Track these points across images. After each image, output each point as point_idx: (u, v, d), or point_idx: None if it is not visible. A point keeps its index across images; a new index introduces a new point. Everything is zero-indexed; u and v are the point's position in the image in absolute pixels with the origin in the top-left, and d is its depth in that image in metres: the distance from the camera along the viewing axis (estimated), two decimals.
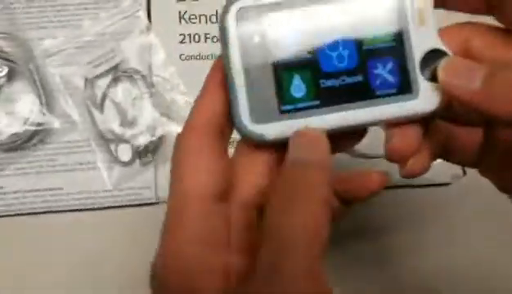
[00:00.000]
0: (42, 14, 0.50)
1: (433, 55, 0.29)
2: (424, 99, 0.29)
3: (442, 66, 0.28)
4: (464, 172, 0.49)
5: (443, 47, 0.29)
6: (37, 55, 0.48)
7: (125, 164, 0.48)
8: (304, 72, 0.28)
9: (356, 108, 0.29)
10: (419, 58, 0.29)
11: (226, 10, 0.28)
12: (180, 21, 0.51)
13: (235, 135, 0.29)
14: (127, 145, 0.48)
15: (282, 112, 0.28)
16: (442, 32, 0.30)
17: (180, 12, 0.51)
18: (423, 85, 0.29)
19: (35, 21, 0.50)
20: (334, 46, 0.29)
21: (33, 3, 0.50)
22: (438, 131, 0.31)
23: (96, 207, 0.47)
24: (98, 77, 0.48)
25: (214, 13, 0.51)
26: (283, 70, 0.28)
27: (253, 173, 0.29)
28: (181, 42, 0.51)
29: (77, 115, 0.48)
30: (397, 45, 0.29)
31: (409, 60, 0.29)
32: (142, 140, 0.48)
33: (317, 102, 0.28)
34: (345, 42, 0.29)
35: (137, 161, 0.48)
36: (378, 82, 0.29)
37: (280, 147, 0.28)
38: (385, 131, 0.30)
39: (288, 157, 0.27)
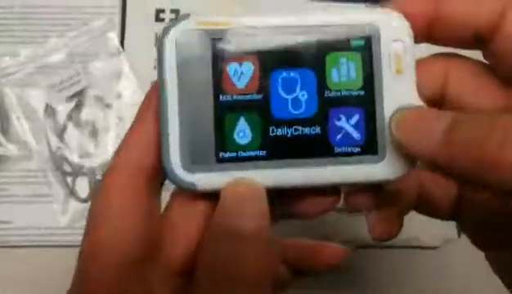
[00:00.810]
0: (5, 27, 0.45)
1: None
2: (391, 163, 0.24)
3: (395, 120, 0.23)
4: (459, 235, 0.45)
5: (420, 104, 0.24)
6: None
7: (82, 200, 0.44)
8: (251, 115, 0.24)
9: (308, 165, 0.24)
10: (390, 113, 0.24)
11: (165, 32, 0.24)
12: (156, 44, 0.47)
13: None
14: (85, 179, 0.44)
15: (219, 160, 0.24)
16: (419, 65, 0.25)
17: (157, 34, 0.47)
18: (390, 146, 0.24)
19: None
20: (290, 86, 0.24)
21: None
22: (408, 186, 0.27)
23: (46, 244, 0.43)
24: (60, 102, 0.44)
25: None
26: (226, 110, 0.24)
27: (186, 230, 0.24)
28: (155, 67, 0.46)
29: (34, 142, 0.44)
30: (366, 94, 0.24)
31: (378, 114, 0.24)
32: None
33: (263, 153, 0.24)
34: (304, 84, 0.24)
35: None
36: (339, 136, 0.24)
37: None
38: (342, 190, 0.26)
39: (214, 220, 0.23)
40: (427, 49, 0.27)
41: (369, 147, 0.24)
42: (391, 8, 0.25)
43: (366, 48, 0.24)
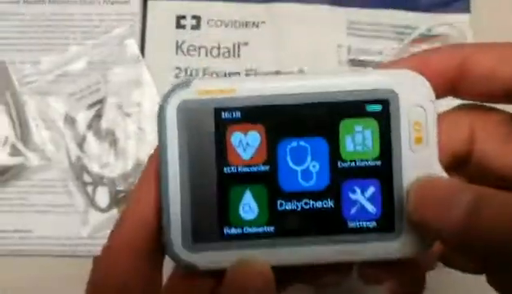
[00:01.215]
0: (26, 34, 0.45)
1: None
2: (409, 239, 0.23)
3: (412, 195, 0.22)
4: None
5: (442, 174, 0.22)
6: (15, 81, 0.44)
7: (102, 210, 0.43)
8: (258, 188, 0.22)
9: (319, 243, 0.22)
10: (408, 186, 0.22)
11: (165, 100, 0.22)
12: (177, 52, 0.46)
13: None
14: (105, 189, 0.43)
15: (224, 237, 0.22)
16: (441, 119, 0.23)
17: (177, 42, 0.46)
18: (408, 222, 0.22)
19: (17, 42, 0.45)
20: (299, 157, 0.22)
21: (15, 22, 0.45)
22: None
23: (67, 254, 0.43)
24: (80, 111, 0.44)
25: (216, 45, 0.46)
26: (230, 183, 0.22)
27: None
28: (176, 76, 0.45)
29: (53, 151, 0.43)
30: (383, 165, 0.23)
31: (396, 186, 0.22)
32: (123, 186, 0.43)
33: (271, 229, 0.23)
34: (316, 154, 0.22)
35: (115, 208, 0.43)
36: (353, 211, 0.23)
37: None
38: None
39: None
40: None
41: (385, 222, 0.23)
42: (410, 64, 0.23)
43: (384, 114, 0.22)
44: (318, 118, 0.22)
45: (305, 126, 0.22)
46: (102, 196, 0.43)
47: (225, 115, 0.22)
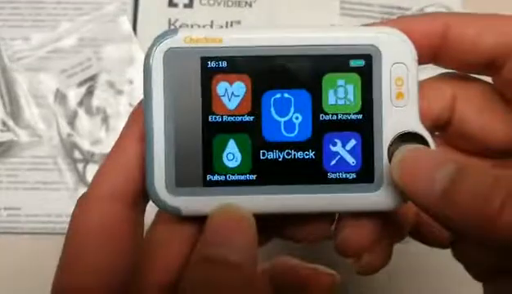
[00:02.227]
0: (16, 10, 0.44)
1: (407, 138, 0.23)
2: (388, 192, 0.23)
3: (395, 162, 0.22)
4: None
5: (422, 131, 0.23)
6: (5, 57, 0.43)
7: None
8: (241, 137, 0.23)
9: (300, 192, 0.23)
10: (389, 140, 0.23)
11: (152, 48, 0.23)
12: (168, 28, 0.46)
13: None
14: (96, 166, 0.43)
15: (207, 183, 0.23)
16: (425, 85, 0.24)
17: (170, 20, 0.45)
18: (388, 175, 0.23)
19: (7, 18, 0.44)
20: (283, 108, 0.23)
21: None
22: (406, 211, 0.26)
23: (56, 232, 0.42)
24: (71, 87, 0.43)
25: (209, 24, 0.46)
26: (215, 131, 0.23)
27: (167, 254, 0.23)
28: None
29: (44, 128, 0.43)
30: (364, 119, 0.23)
31: (376, 140, 0.23)
32: None
33: (253, 177, 0.23)
34: (299, 106, 0.23)
35: None
36: (333, 162, 0.23)
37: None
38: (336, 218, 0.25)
39: (199, 248, 0.22)
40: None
41: (365, 174, 0.23)
42: (394, 27, 0.23)
43: (366, 70, 0.23)
44: (302, 71, 0.23)
45: (289, 79, 0.23)
46: (93, 173, 0.43)
47: (211, 64, 0.23)
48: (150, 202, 0.24)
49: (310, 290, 0.27)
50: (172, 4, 0.46)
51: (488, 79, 0.26)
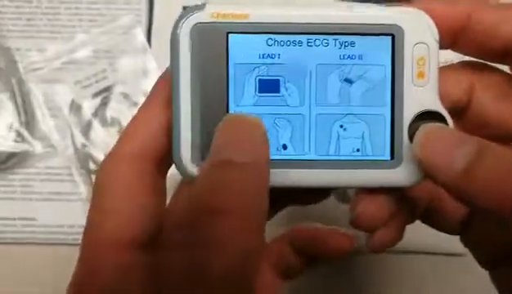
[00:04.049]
0: (32, 22, 0.44)
1: (427, 117, 0.23)
2: (407, 169, 0.23)
3: (418, 139, 0.22)
4: None
5: (442, 111, 0.23)
6: (21, 68, 0.44)
7: None
8: (267, 111, 0.23)
9: (320, 167, 0.23)
10: (409, 119, 0.23)
11: (178, 23, 0.23)
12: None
13: None
14: None
15: None
16: (445, 71, 0.24)
17: None
18: (408, 152, 0.23)
19: (23, 29, 0.44)
20: (307, 85, 0.23)
21: (22, 8, 0.45)
22: (420, 193, 0.26)
23: (70, 243, 0.43)
24: (86, 99, 0.44)
25: None
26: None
27: None
28: None
29: (58, 139, 0.43)
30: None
31: (397, 118, 0.23)
32: None
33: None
34: (323, 82, 0.23)
35: None
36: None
37: None
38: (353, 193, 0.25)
39: (213, 148, 0.21)
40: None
41: (385, 151, 0.24)
42: (418, 8, 0.24)
43: (388, 49, 0.23)
44: (328, 49, 0.23)
45: (315, 56, 0.23)
46: None
47: (237, 40, 0.23)
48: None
49: (330, 249, 0.27)
50: None
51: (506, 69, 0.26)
